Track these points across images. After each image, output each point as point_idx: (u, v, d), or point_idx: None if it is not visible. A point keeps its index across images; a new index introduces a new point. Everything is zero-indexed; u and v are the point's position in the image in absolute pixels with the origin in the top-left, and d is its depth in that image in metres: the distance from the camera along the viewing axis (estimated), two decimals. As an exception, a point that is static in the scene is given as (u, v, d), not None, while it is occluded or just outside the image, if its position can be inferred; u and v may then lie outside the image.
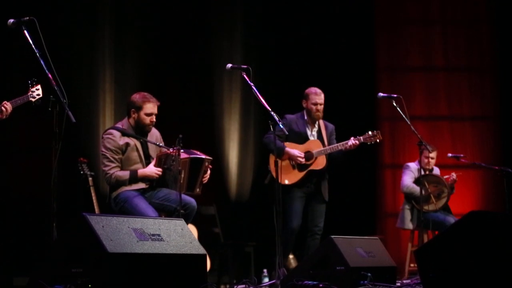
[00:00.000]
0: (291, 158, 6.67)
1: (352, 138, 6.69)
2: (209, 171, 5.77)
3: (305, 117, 6.83)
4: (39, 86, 5.37)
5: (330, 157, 6.77)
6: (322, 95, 6.81)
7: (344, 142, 6.69)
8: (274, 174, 6.57)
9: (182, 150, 5.52)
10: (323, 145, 6.79)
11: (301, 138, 6.74)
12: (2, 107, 5.20)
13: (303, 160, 6.66)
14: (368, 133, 6.74)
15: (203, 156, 5.72)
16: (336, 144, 6.75)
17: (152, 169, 5.58)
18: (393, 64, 9.76)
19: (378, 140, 6.78)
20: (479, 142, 9.69)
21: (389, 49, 9.77)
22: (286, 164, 6.66)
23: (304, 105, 6.83)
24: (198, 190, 5.71)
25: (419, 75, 9.76)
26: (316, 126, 6.85)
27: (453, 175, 7.67)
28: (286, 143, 6.68)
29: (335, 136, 6.94)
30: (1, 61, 7.49)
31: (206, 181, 5.76)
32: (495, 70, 9.80)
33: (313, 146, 6.76)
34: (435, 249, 4.04)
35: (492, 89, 9.80)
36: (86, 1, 8.33)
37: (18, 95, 5.40)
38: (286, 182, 6.65)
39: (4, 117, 5.23)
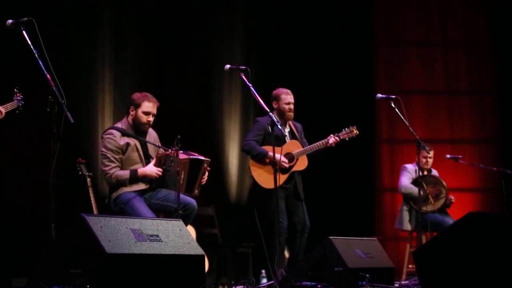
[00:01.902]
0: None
1: (331, 136, 6.62)
2: (207, 173, 5.77)
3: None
4: (21, 95, 5.45)
5: (310, 156, 6.69)
6: (292, 95, 6.73)
7: (324, 141, 6.59)
8: (256, 179, 6.60)
9: (181, 152, 5.53)
10: (301, 144, 6.73)
11: (279, 141, 6.53)
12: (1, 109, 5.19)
13: (287, 165, 6.58)
14: (344, 129, 6.68)
15: (202, 158, 5.72)
16: (316, 143, 6.61)
17: (152, 169, 5.57)
18: (391, 40, 9.79)
19: (354, 136, 6.73)
20: (476, 117, 9.69)
21: (387, 28, 9.84)
22: (268, 168, 6.55)
23: (275, 106, 6.66)
24: (196, 191, 5.71)
25: (417, 50, 9.79)
26: (288, 126, 6.76)
27: (452, 199, 7.68)
28: (265, 147, 6.56)
29: (303, 135, 6.87)
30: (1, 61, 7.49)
31: (204, 182, 5.76)
32: (493, 44, 9.81)
33: (291, 147, 6.66)
34: (433, 250, 4.04)
35: (489, 63, 9.81)
36: (85, 1, 8.33)
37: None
38: (270, 186, 6.58)
39: None
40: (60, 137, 4.40)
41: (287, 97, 6.67)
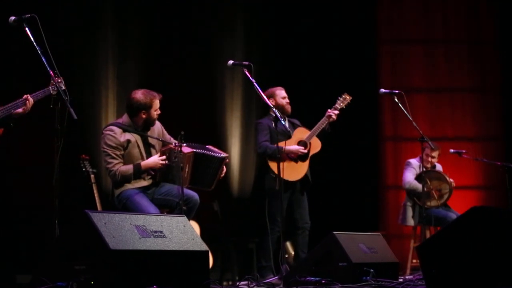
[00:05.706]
0: (292, 153, 6.64)
1: (329, 110, 6.72)
2: (225, 168, 5.82)
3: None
4: (61, 79, 4.79)
5: (319, 136, 6.78)
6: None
7: (326, 117, 6.71)
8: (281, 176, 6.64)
9: (193, 144, 5.56)
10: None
11: (285, 135, 6.50)
12: (26, 101, 4.92)
13: (305, 151, 6.67)
14: (338, 99, 6.81)
15: (223, 155, 5.77)
16: (320, 122, 6.73)
17: (155, 160, 5.57)
18: (394, 38, 9.80)
19: (349, 101, 6.83)
20: (479, 114, 9.68)
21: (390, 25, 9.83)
22: (288, 163, 6.62)
23: (273, 103, 6.63)
24: (213, 186, 5.79)
25: (419, 48, 9.77)
26: (287, 122, 6.80)
27: (452, 182, 7.66)
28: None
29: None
30: (2, 59, 7.48)
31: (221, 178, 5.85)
32: (495, 42, 9.80)
33: (299, 134, 6.76)
34: (437, 245, 4.04)
35: (492, 60, 9.79)
36: (88, -2, 8.34)
37: (18, 92, 5.37)
38: (298, 177, 6.69)
39: (26, 112, 4.96)
40: (64, 134, 4.41)
41: (281, 92, 6.81)
